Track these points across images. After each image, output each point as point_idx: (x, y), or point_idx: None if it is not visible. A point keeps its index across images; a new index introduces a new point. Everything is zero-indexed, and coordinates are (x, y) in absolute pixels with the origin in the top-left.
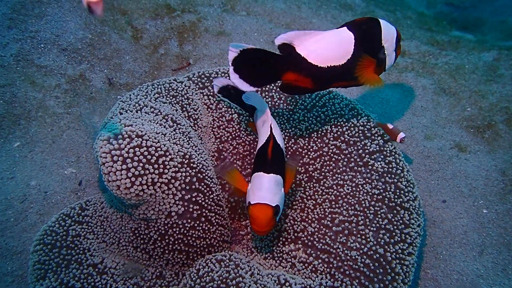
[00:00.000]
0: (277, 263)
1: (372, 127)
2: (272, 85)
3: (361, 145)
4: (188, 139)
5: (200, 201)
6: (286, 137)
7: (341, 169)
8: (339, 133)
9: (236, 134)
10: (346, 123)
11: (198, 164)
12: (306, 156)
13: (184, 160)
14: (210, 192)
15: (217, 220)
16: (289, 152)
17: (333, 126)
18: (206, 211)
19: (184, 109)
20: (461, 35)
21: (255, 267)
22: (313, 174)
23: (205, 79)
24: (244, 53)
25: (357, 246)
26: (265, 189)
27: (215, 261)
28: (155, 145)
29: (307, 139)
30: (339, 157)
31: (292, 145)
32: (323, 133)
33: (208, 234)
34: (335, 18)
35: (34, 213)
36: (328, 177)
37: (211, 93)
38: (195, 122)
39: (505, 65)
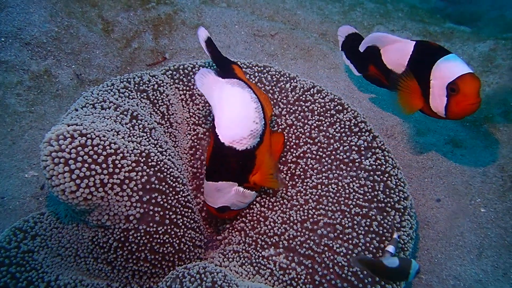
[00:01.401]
0: (255, 270)
1: (359, 123)
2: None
3: (347, 142)
4: (148, 136)
5: (161, 202)
6: None
7: (326, 167)
8: (323, 128)
9: None
10: (331, 118)
11: (159, 163)
12: (288, 153)
13: (140, 158)
14: (174, 193)
15: (185, 223)
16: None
17: (317, 122)
18: (171, 213)
19: (155, 104)
20: (455, 27)
21: (233, 282)
22: (296, 172)
23: (181, 72)
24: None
25: (344, 251)
26: (206, 193)
27: (189, 276)
28: (102, 143)
29: (289, 135)
30: (324, 155)
31: None
32: (306, 129)
33: (176, 239)
34: (322, 9)
35: None
36: (312, 176)
37: (188, 88)
38: (168, 118)
39: (502, 55)
